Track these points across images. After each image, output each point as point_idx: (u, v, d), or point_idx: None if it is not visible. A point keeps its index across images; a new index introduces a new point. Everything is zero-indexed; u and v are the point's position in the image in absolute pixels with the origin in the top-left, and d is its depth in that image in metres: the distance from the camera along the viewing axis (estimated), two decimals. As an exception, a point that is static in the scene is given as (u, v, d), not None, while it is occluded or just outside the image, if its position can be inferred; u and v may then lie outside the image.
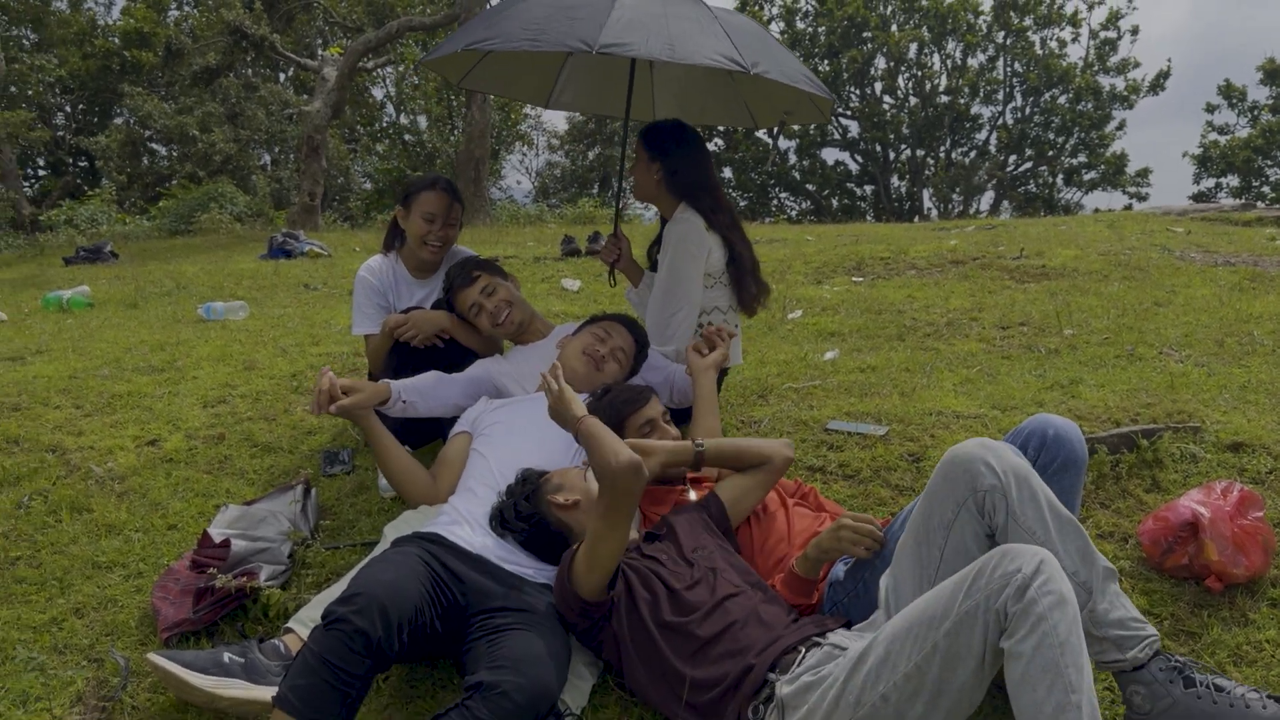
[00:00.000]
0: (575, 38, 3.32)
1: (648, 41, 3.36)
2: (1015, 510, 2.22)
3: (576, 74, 4.68)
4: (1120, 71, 30.20)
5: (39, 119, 27.68)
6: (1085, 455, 2.61)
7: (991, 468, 2.24)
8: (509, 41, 3.46)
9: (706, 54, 3.40)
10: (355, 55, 18.75)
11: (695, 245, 3.81)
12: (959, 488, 2.26)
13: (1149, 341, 5.04)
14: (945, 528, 2.28)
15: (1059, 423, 2.61)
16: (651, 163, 3.93)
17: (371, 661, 2.35)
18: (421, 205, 4.07)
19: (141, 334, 6.55)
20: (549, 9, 3.54)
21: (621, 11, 3.43)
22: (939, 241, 9.08)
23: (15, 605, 3.26)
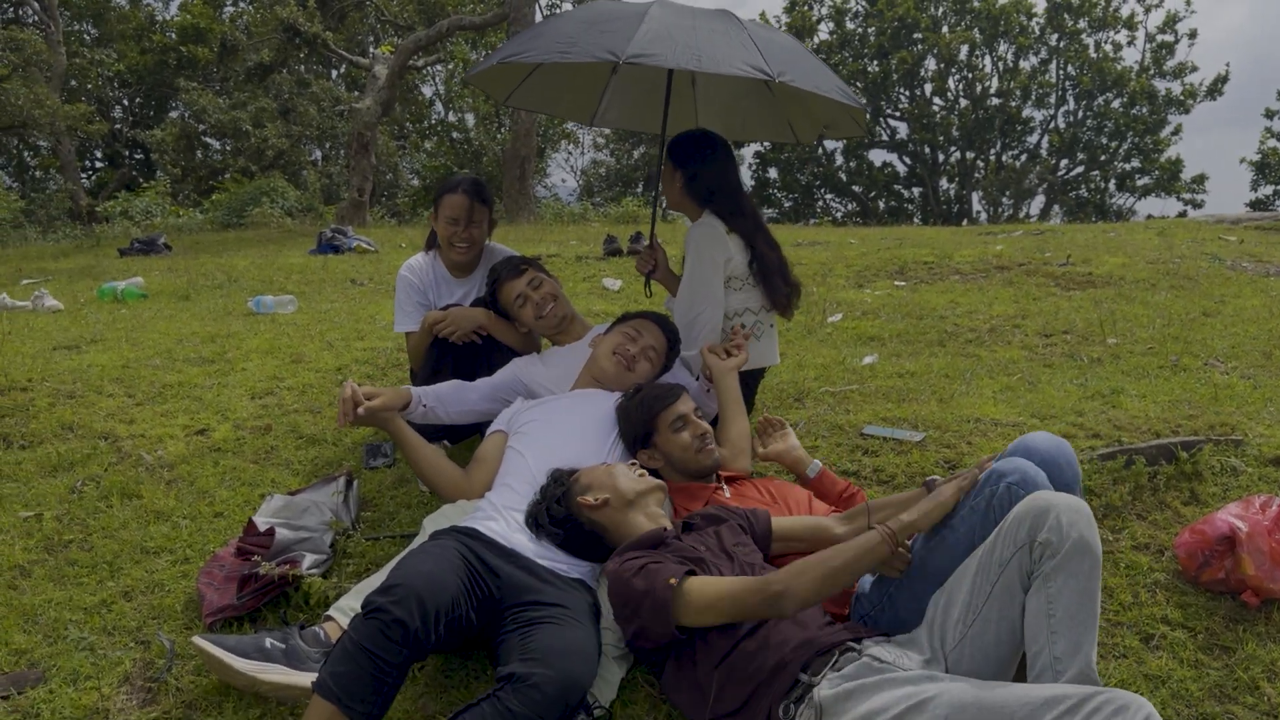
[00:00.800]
0: (604, 49, 3.42)
1: (675, 52, 3.43)
2: (1050, 574, 2.19)
3: (620, 92, 4.76)
4: (1176, 75, 29.75)
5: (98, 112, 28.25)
6: (1076, 476, 2.60)
7: (1059, 526, 2.20)
8: (541, 54, 3.63)
9: (734, 64, 3.45)
10: (405, 53, 18.96)
11: (712, 248, 3.84)
12: (1023, 532, 2.26)
13: (1194, 352, 4.98)
14: (1001, 565, 2.28)
15: (1044, 447, 2.60)
16: (675, 171, 3.98)
17: (408, 651, 2.41)
18: (445, 209, 4.16)
19: (193, 325, 6.70)
20: (580, 25, 3.69)
21: (650, 25, 3.52)
22: (984, 246, 9.02)
23: (67, 587, 3.36)
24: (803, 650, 2.40)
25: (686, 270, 3.89)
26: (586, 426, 3.39)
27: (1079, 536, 2.20)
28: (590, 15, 3.79)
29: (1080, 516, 2.23)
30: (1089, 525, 2.23)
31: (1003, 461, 2.52)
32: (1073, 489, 2.56)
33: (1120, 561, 3.13)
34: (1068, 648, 2.15)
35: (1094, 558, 2.21)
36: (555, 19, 3.78)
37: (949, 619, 2.34)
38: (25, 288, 9.44)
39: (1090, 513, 2.26)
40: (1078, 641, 2.15)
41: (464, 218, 4.12)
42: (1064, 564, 2.18)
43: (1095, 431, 3.78)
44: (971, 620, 2.29)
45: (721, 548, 2.72)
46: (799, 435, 4.05)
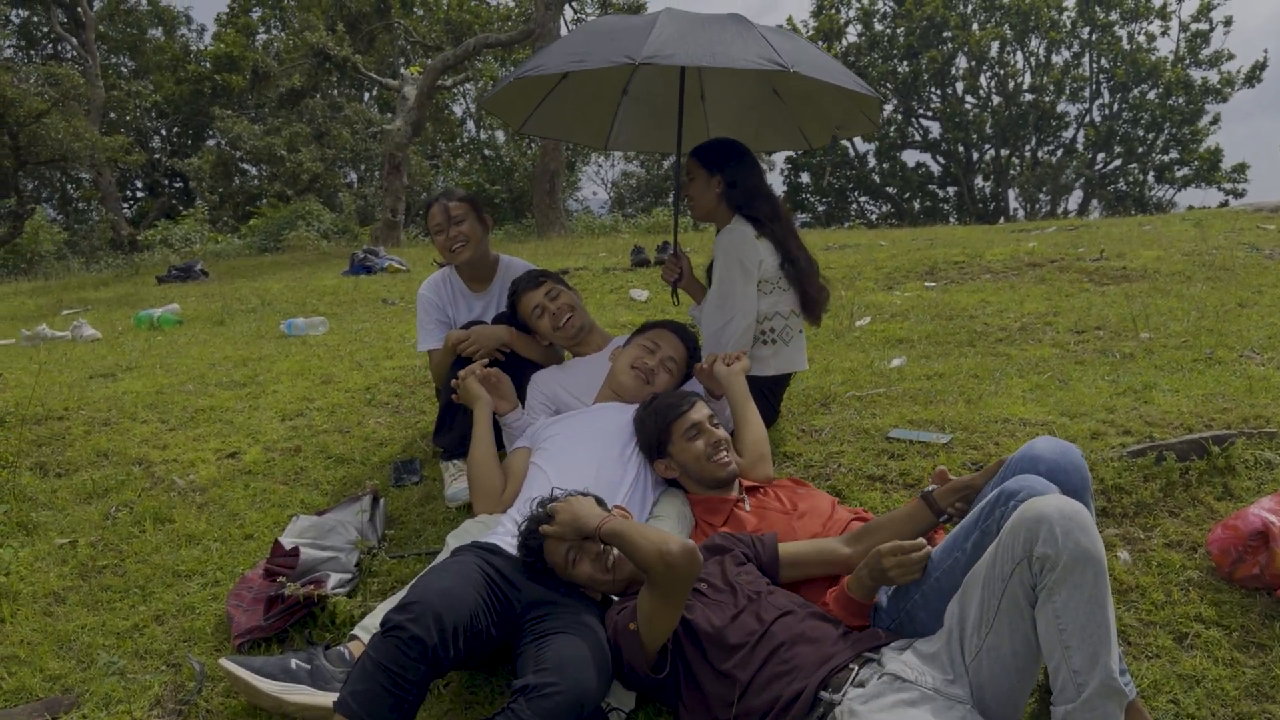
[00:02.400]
0: (619, 53, 3.44)
1: (689, 51, 3.46)
2: (1053, 588, 2.14)
3: (631, 115, 4.80)
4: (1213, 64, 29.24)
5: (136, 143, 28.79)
6: (1085, 481, 2.54)
7: (1054, 538, 2.15)
8: (555, 66, 3.65)
9: (748, 58, 3.47)
10: (434, 73, 19.14)
11: (744, 254, 3.82)
12: (1019, 546, 2.21)
13: (1229, 344, 4.88)
14: (1004, 580, 2.24)
15: (1049, 454, 2.54)
16: (711, 177, 3.95)
17: (427, 668, 2.42)
18: (429, 225, 4.24)
19: (226, 350, 6.79)
20: (591, 37, 3.75)
21: (661, 30, 3.55)
22: (1017, 244, 8.91)
23: (100, 612, 3.41)
24: (821, 669, 2.38)
25: (717, 276, 3.87)
26: (605, 441, 3.40)
27: (1075, 545, 2.14)
28: (601, 28, 3.86)
29: (1075, 524, 2.16)
30: (1085, 531, 2.16)
31: (1013, 480, 2.46)
32: (1081, 495, 2.50)
33: (1152, 560, 3.07)
34: (1084, 661, 2.10)
35: (1096, 565, 2.14)
36: (566, 36, 3.83)
37: (965, 630, 2.31)
38: (65, 318, 9.62)
39: (1087, 516, 2.20)
40: (1094, 653, 2.10)
41: (443, 223, 4.14)
42: (1065, 576, 2.13)
43: (1126, 428, 3.72)
44: (985, 633, 2.26)
45: (725, 580, 2.71)
46: (825, 440, 4.03)
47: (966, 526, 2.54)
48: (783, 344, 3.99)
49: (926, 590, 2.57)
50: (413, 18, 27.98)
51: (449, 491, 3.88)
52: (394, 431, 4.68)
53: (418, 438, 4.54)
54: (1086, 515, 2.20)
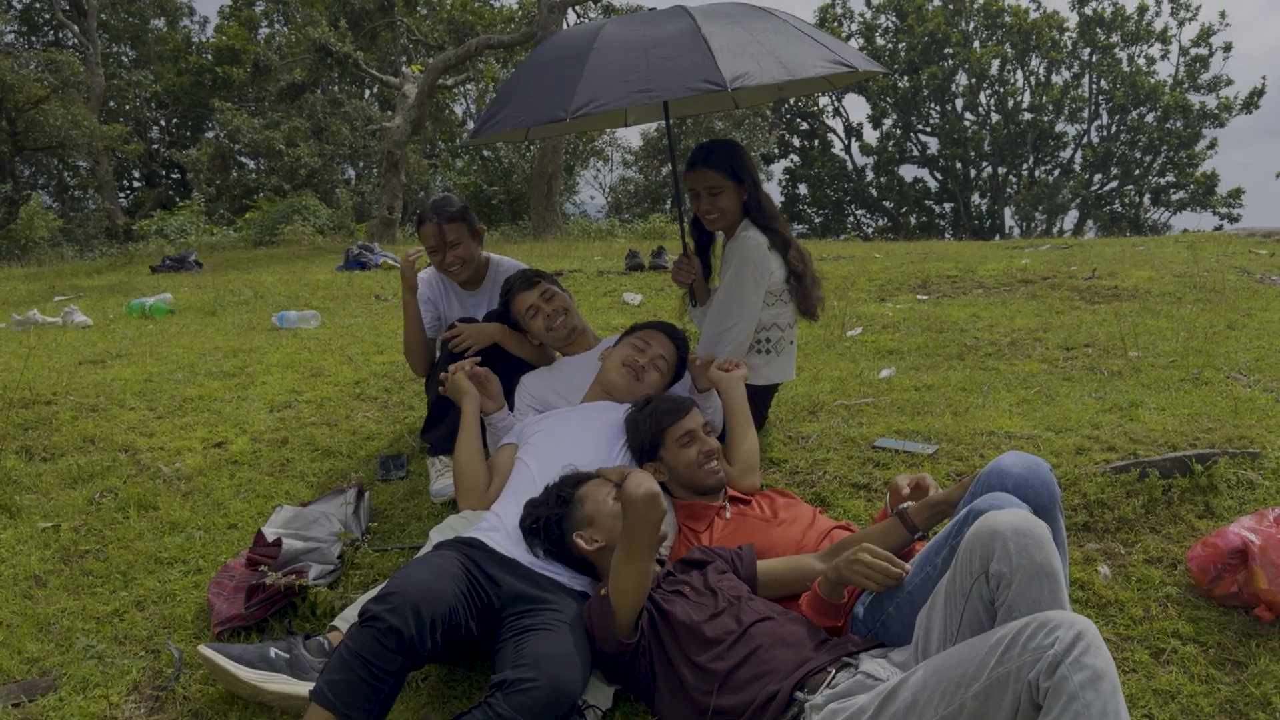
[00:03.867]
0: (698, 79, 3.22)
1: (761, 65, 3.31)
2: (1011, 605, 2.15)
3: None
4: (1211, 89, 29.45)
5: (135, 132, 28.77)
6: (1054, 496, 2.52)
7: (1007, 555, 2.15)
8: (620, 99, 3.31)
9: (816, 65, 3.43)
10: (435, 72, 19.16)
11: (759, 264, 3.81)
12: (975, 562, 2.22)
13: (1217, 365, 4.91)
14: (963, 595, 2.25)
15: (1017, 469, 2.53)
16: (740, 186, 3.89)
17: (404, 659, 2.42)
18: (422, 243, 4.19)
19: (217, 340, 6.78)
20: (637, 55, 3.40)
21: (718, 40, 3.34)
22: (1010, 260, 8.94)
23: (81, 596, 3.41)
24: (797, 672, 2.40)
25: (727, 282, 3.85)
26: (593, 439, 3.40)
27: (1029, 562, 2.14)
28: (635, 40, 3.48)
29: (1029, 539, 2.17)
30: (1039, 546, 2.16)
31: (984, 498, 2.46)
32: (1050, 510, 2.50)
33: (1132, 575, 3.08)
34: None
35: (1052, 579, 2.15)
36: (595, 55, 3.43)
37: (930, 643, 2.33)
38: (57, 304, 9.60)
39: (1042, 532, 2.20)
40: None
41: (438, 245, 4.11)
42: (1022, 593, 2.13)
43: (1111, 445, 3.73)
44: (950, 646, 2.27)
45: (706, 585, 2.73)
46: (811, 448, 4.04)
47: (938, 542, 2.56)
48: (775, 354, 4.01)
49: (900, 602, 2.58)
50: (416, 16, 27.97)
51: (434, 487, 3.88)
52: (382, 426, 4.68)
53: (405, 433, 4.54)
54: (1041, 531, 2.20)
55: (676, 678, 2.53)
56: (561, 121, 3.29)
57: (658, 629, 2.60)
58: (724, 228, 4.01)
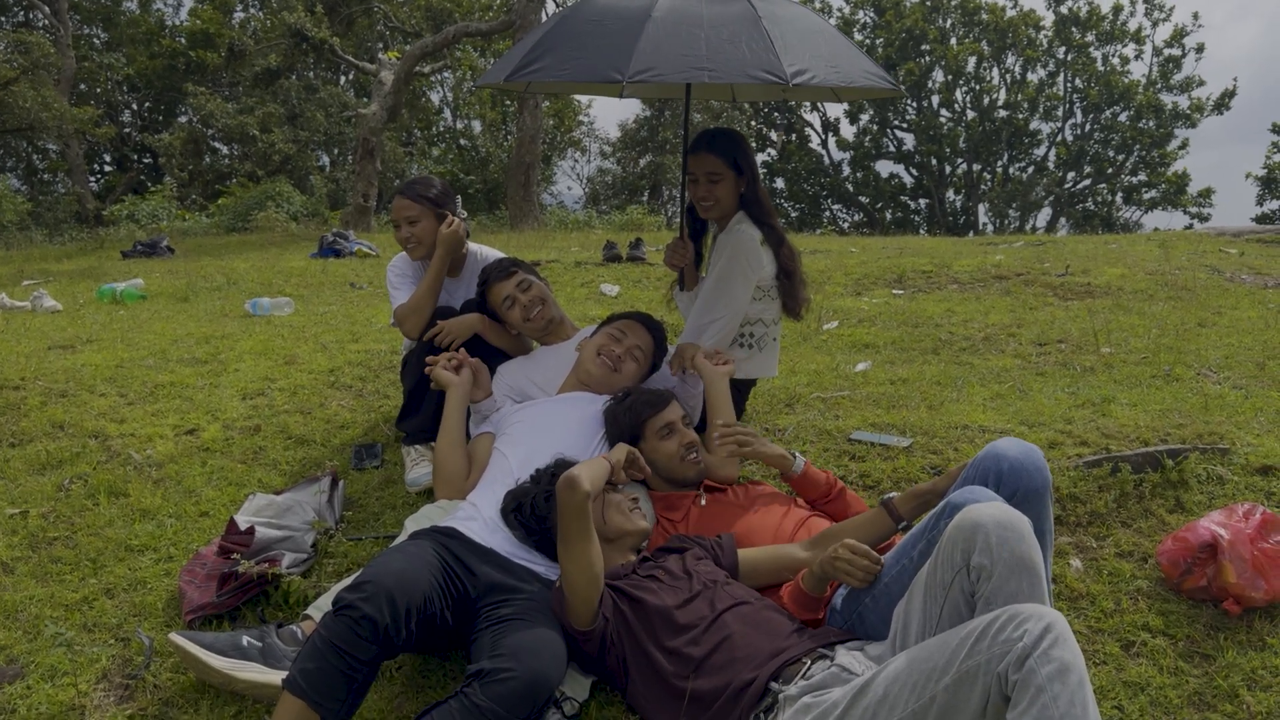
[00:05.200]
0: (761, 69, 3.19)
1: (815, 66, 3.30)
2: (990, 597, 2.16)
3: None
4: (1184, 90, 29.71)
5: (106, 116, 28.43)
6: (1046, 482, 2.55)
7: (989, 547, 2.16)
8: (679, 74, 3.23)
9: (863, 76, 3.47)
10: (412, 60, 19.03)
11: (750, 257, 3.79)
12: (957, 554, 2.22)
13: (1188, 362, 4.96)
14: (944, 588, 2.25)
15: (1013, 453, 2.55)
16: (740, 177, 3.86)
17: (378, 648, 2.41)
18: (391, 215, 4.22)
19: (189, 326, 6.71)
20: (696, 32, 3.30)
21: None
22: (984, 256, 9.00)
23: (50, 584, 3.37)
24: (773, 661, 2.40)
25: (717, 273, 3.82)
26: (571, 429, 3.39)
27: (1010, 555, 2.15)
28: (693, 16, 3.37)
29: (1011, 532, 2.18)
30: (1021, 539, 2.17)
31: (959, 493, 2.48)
32: (1042, 495, 2.53)
33: (1103, 569, 3.11)
34: None
35: (1032, 573, 2.16)
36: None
37: (909, 636, 2.33)
38: (25, 288, 9.47)
39: (1024, 524, 2.21)
40: None
41: (403, 219, 4.11)
42: (1001, 585, 2.15)
43: (1083, 439, 3.77)
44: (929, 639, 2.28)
45: (683, 569, 2.74)
46: (788, 440, 4.05)
47: (915, 534, 2.57)
48: (758, 350, 4.00)
49: (876, 595, 2.59)
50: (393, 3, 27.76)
51: (410, 476, 3.86)
52: (356, 414, 4.65)
53: (380, 421, 4.52)
54: (1023, 523, 2.21)
55: (651, 665, 2.52)
56: (616, 84, 3.22)
57: (627, 618, 2.60)
58: (718, 217, 3.97)
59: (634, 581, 2.70)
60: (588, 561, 2.53)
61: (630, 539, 2.87)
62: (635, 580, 2.70)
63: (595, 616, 2.56)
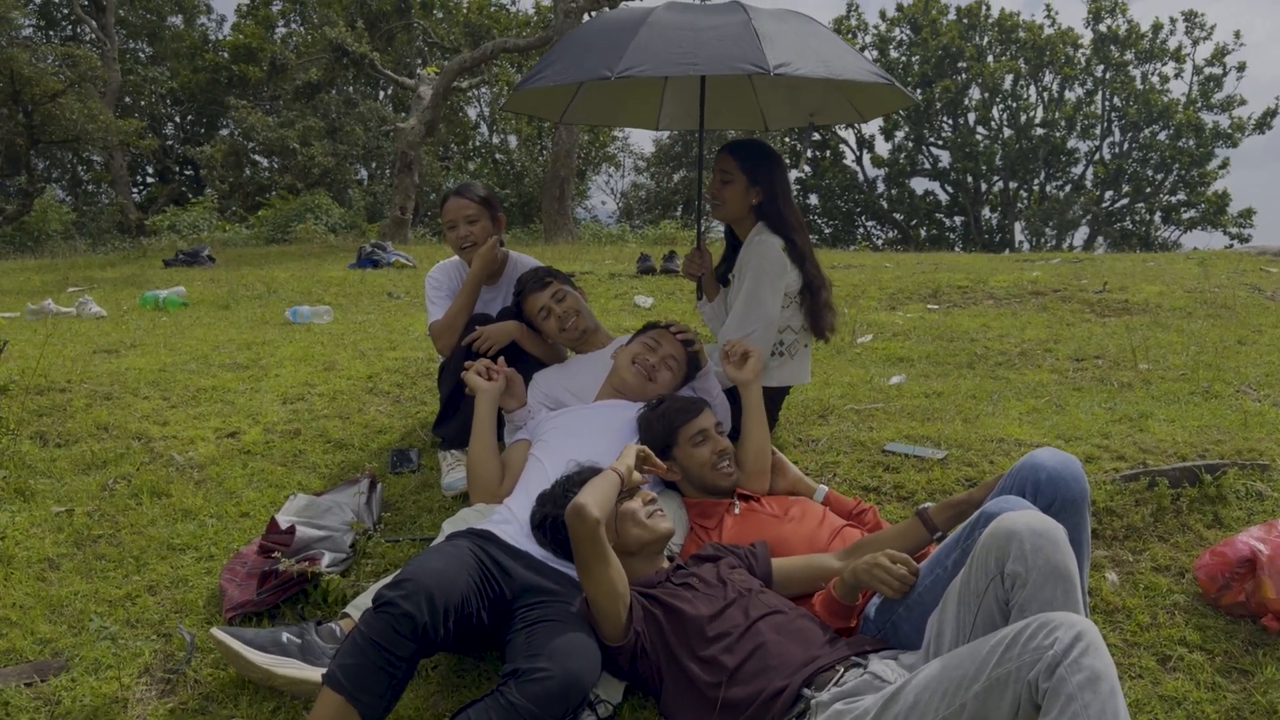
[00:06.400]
0: (743, 60, 3.35)
1: (804, 60, 3.43)
2: (1024, 605, 2.16)
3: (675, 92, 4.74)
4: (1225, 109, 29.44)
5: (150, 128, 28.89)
6: (1084, 492, 2.54)
7: (1023, 555, 2.17)
8: (664, 67, 3.45)
9: (856, 69, 3.55)
10: (450, 75, 19.22)
11: (774, 267, 3.82)
12: (991, 562, 2.23)
13: (1227, 379, 4.92)
14: (978, 596, 2.26)
15: (1051, 463, 2.55)
16: (752, 186, 3.91)
17: (416, 646, 2.44)
18: (443, 220, 4.25)
19: (230, 333, 6.82)
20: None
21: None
22: (1020, 273, 8.96)
23: (94, 580, 3.44)
24: (806, 668, 2.41)
25: (746, 289, 3.84)
26: (606, 436, 3.42)
27: (1045, 562, 2.15)
28: (687, 23, 3.65)
29: (1045, 540, 2.18)
30: (1056, 547, 2.17)
31: (993, 502, 2.49)
32: (1079, 505, 2.53)
33: (1140, 582, 3.09)
34: None
35: (1067, 581, 2.16)
36: (647, 28, 3.61)
37: (943, 645, 2.33)
38: (71, 295, 9.65)
39: (1059, 532, 2.21)
40: None
41: (460, 219, 4.16)
42: (1035, 593, 2.15)
43: (1120, 454, 3.75)
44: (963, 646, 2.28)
45: (717, 577, 2.74)
46: (821, 450, 4.05)
47: (949, 544, 2.57)
48: (789, 357, 4.01)
49: (910, 604, 2.60)
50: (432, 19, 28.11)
51: (445, 480, 3.91)
52: (394, 420, 4.71)
53: (417, 427, 4.57)
54: (1058, 531, 2.21)
55: (684, 674, 2.54)
56: (606, 80, 3.41)
57: (662, 626, 2.61)
58: (724, 218, 4.06)
59: (669, 590, 2.71)
60: (609, 583, 2.53)
61: (654, 545, 2.83)
62: (670, 589, 2.71)
63: (625, 631, 2.57)
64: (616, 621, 2.56)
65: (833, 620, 2.75)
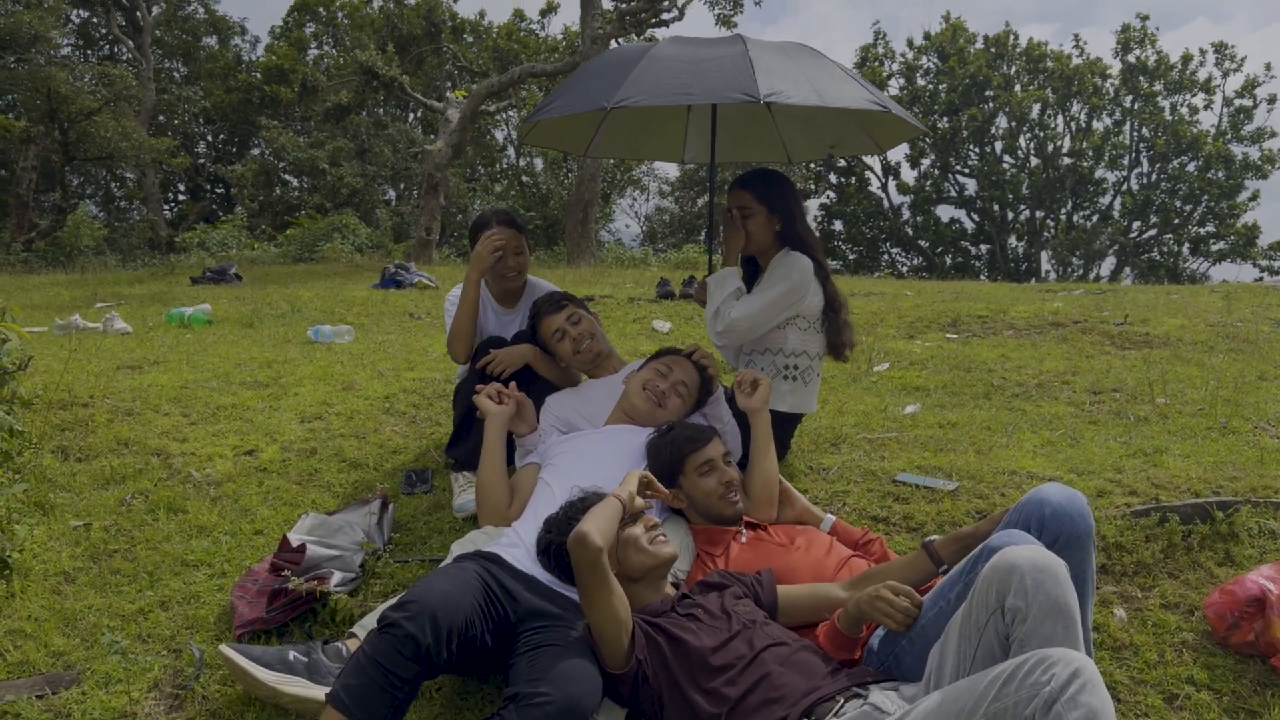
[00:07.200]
0: (735, 89, 3.43)
1: (798, 89, 3.51)
2: (1025, 640, 2.15)
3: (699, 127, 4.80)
4: (1255, 140, 29.22)
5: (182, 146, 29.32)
6: (1089, 529, 2.53)
7: (1024, 589, 2.17)
8: (660, 97, 3.56)
9: (851, 98, 3.59)
10: (478, 98, 19.41)
11: (804, 282, 3.87)
12: (992, 596, 2.23)
13: (1245, 415, 4.88)
14: (979, 630, 2.26)
15: (1056, 499, 2.54)
16: (772, 215, 3.96)
17: (419, 667, 2.46)
18: (487, 238, 4.23)
19: (252, 351, 6.90)
20: (685, 65, 3.66)
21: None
22: (1042, 303, 8.93)
23: (108, 594, 3.48)
24: (806, 699, 2.41)
25: (768, 288, 3.88)
26: (615, 461, 3.43)
27: (1046, 597, 2.15)
28: (687, 55, 3.78)
29: (1047, 575, 2.17)
30: (1057, 582, 2.17)
31: (997, 535, 2.49)
32: (1084, 541, 2.52)
33: (1148, 619, 3.07)
34: None
35: (1067, 617, 2.16)
36: (648, 60, 3.73)
37: (943, 678, 2.33)
38: (98, 310, 9.79)
39: (1060, 568, 2.21)
40: None
41: (509, 248, 4.23)
42: (1036, 628, 2.14)
43: (1133, 489, 3.73)
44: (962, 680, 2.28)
45: (722, 608, 2.74)
46: (832, 479, 4.06)
47: (953, 577, 2.57)
48: (802, 383, 4.02)
49: (913, 636, 2.59)
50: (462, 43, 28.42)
51: (457, 502, 3.94)
52: (409, 441, 4.75)
53: (431, 448, 4.61)
54: (1060, 567, 2.21)
55: (687, 704, 2.53)
56: (604, 110, 3.54)
57: (665, 656, 2.61)
58: (753, 251, 4.08)
59: (673, 619, 2.71)
60: (611, 610, 2.53)
61: (657, 571, 2.83)
62: (674, 618, 2.71)
63: (628, 659, 2.57)
64: (618, 648, 2.56)
65: (836, 652, 2.74)
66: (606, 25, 17.84)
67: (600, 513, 2.64)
